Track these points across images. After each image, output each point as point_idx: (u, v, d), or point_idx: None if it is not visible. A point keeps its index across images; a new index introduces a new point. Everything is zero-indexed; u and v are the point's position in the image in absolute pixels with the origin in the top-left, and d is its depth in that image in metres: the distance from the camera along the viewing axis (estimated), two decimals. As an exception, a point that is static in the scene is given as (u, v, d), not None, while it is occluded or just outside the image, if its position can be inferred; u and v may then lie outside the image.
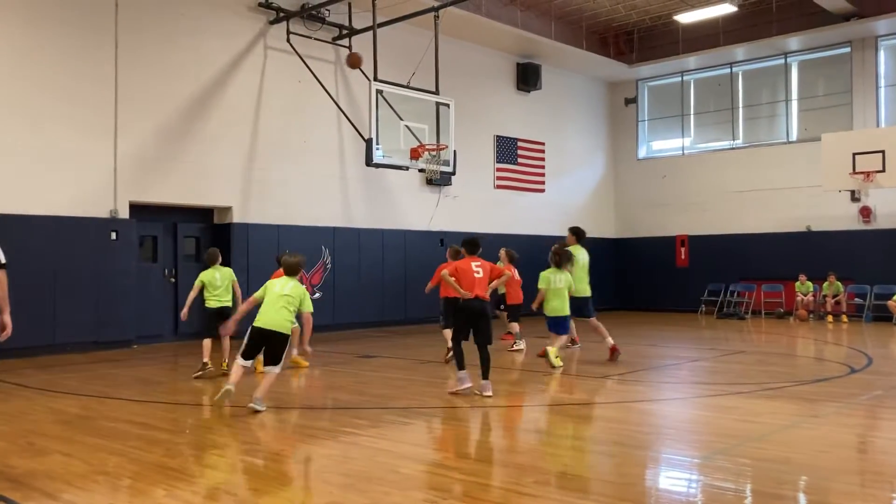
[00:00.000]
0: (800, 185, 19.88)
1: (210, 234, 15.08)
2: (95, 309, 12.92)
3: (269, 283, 7.85)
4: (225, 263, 14.62)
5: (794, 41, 19.80)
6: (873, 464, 5.83)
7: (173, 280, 14.54)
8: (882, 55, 19.39)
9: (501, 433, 7.08)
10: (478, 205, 19.44)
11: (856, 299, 18.78)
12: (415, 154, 13.81)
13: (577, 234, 11.63)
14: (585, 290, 11.20)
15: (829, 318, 18.37)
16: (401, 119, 13.77)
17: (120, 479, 5.28)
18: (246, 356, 7.53)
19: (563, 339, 10.70)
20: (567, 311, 10.45)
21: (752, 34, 19.94)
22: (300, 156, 15.92)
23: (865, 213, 19.19)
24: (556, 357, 10.21)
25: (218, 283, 10.15)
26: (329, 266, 16.22)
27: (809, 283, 18.98)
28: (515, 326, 12.52)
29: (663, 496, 5.01)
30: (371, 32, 14.03)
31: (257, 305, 7.64)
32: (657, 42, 21.67)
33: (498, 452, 6.22)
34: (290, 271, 7.85)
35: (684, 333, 16.03)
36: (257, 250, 15.05)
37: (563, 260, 10.34)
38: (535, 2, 18.83)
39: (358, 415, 7.55)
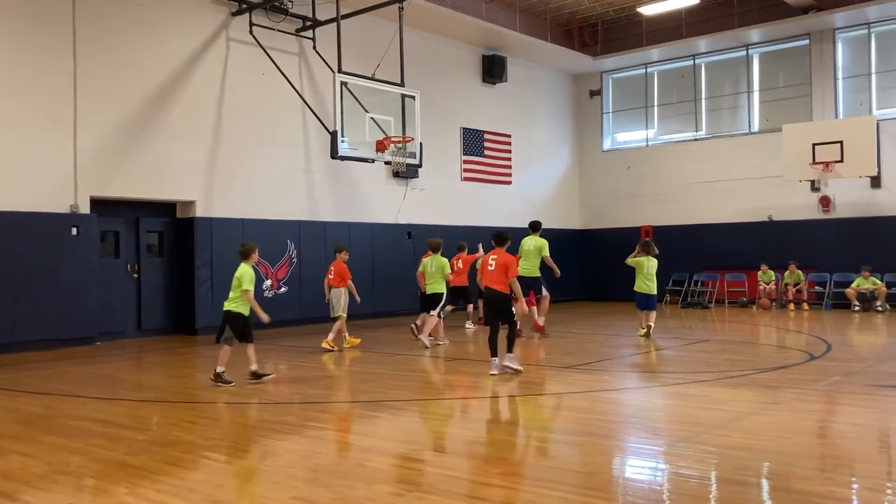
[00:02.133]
0: (761, 175, 20.17)
1: (173, 228, 14.90)
2: (57, 306, 12.68)
3: (424, 261, 12.02)
4: (188, 258, 14.66)
5: (755, 33, 20.06)
6: (832, 448, 5.94)
7: (136, 276, 14.34)
8: (840, 47, 19.72)
9: (468, 425, 7.10)
10: (445, 197, 19.43)
11: (816, 287, 19.12)
12: (380, 146, 13.77)
13: (533, 226, 13.66)
14: (535, 272, 13.08)
15: (791, 306, 18.69)
16: (366, 111, 13.72)
17: (81, 478, 5.20)
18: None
19: (653, 314, 12.70)
20: (654, 291, 12.72)
21: (714, 26, 20.18)
22: (264, 149, 15.76)
23: (825, 202, 19.54)
24: (643, 329, 12.62)
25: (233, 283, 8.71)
26: (295, 260, 16.10)
27: (771, 272, 19.28)
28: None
29: (629, 485, 5.06)
30: (335, 24, 13.94)
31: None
32: (621, 34, 21.83)
33: (464, 444, 6.24)
34: (434, 249, 11.95)
35: (649, 323, 16.19)
36: (221, 245, 14.89)
37: (648, 249, 12.85)
38: (499, -6, 18.85)
39: (325, 409, 7.52)
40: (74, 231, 13.02)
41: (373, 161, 14.25)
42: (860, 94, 19.46)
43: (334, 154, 13.42)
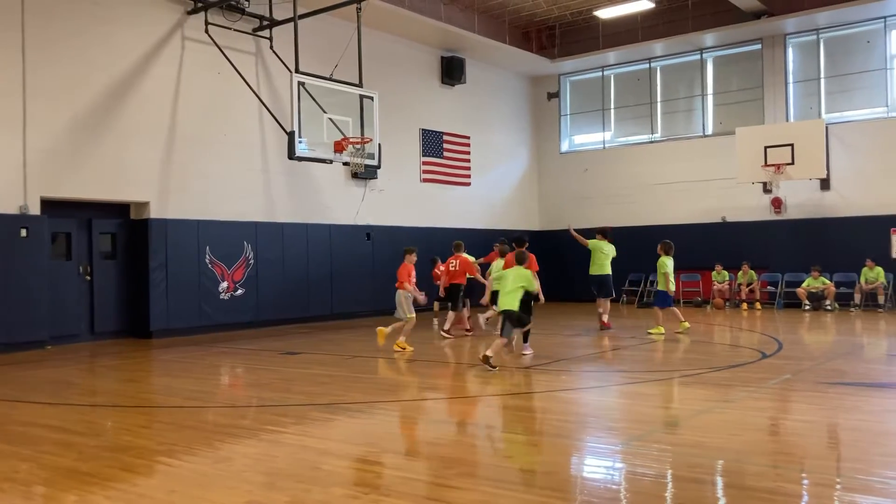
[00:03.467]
0: (715, 177, 20.53)
1: (127, 229, 14.63)
2: (5, 309, 12.36)
3: (493, 265, 12.93)
4: (142, 260, 14.41)
5: (708, 37, 20.41)
6: (783, 445, 6.06)
7: (89, 278, 14.05)
8: (790, 52, 20.16)
9: (425, 426, 7.09)
10: (404, 198, 19.40)
11: (768, 287, 19.52)
12: (338, 147, 13.68)
13: (604, 232, 15.20)
14: (607, 270, 14.94)
15: (744, 305, 19.05)
16: (324, 112, 13.62)
17: (30, 485, 5.08)
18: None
19: (673, 310, 13.63)
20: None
21: (669, 30, 20.48)
22: (220, 149, 15.56)
23: (776, 203, 19.95)
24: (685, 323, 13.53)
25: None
26: (252, 262, 15.93)
27: (725, 273, 19.64)
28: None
29: (585, 484, 5.10)
30: (292, 23, 13.82)
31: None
32: (578, 37, 22.03)
33: (421, 445, 6.24)
34: (502, 254, 12.83)
35: (607, 323, 16.36)
36: (176, 246, 14.68)
37: (668, 249, 14.01)
38: (458, -5, 18.89)
39: (281, 412, 7.45)
40: (24, 232, 12.71)
41: (331, 162, 14.16)
42: (810, 98, 19.92)
43: (292, 155, 13.30)
